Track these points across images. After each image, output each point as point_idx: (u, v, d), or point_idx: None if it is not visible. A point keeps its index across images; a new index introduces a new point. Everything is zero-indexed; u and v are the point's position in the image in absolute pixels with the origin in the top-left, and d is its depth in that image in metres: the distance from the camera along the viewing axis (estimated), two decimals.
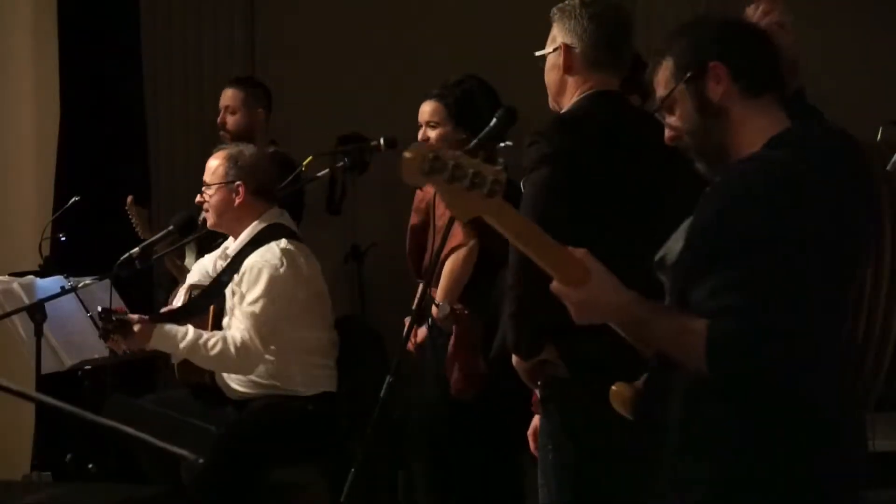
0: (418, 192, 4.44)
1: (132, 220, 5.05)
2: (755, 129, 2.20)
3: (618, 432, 2.38)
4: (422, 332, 4.29)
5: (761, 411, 2.11)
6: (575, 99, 2.97)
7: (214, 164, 4.27)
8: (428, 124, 4.43)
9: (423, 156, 1.98)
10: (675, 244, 2.21)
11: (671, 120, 2.28)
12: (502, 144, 4.08)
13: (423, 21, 5.96)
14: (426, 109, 4.44)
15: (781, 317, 2.05)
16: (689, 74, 2.22)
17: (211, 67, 6.08)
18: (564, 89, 2.99)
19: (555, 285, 2.13)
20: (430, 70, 5.39)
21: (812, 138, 2.20)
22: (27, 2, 5.79)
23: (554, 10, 3.03)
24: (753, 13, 2.33)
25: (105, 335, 3.99)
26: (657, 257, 2.26)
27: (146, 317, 4.09)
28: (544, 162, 2.84)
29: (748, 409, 2.12)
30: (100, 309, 4.03)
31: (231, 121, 5.22)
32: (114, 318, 3.98)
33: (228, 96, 5.26)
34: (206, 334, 4.11)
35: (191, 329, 4.10)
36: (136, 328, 4.01)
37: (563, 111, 2.99)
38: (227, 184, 4.21)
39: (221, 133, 5.21)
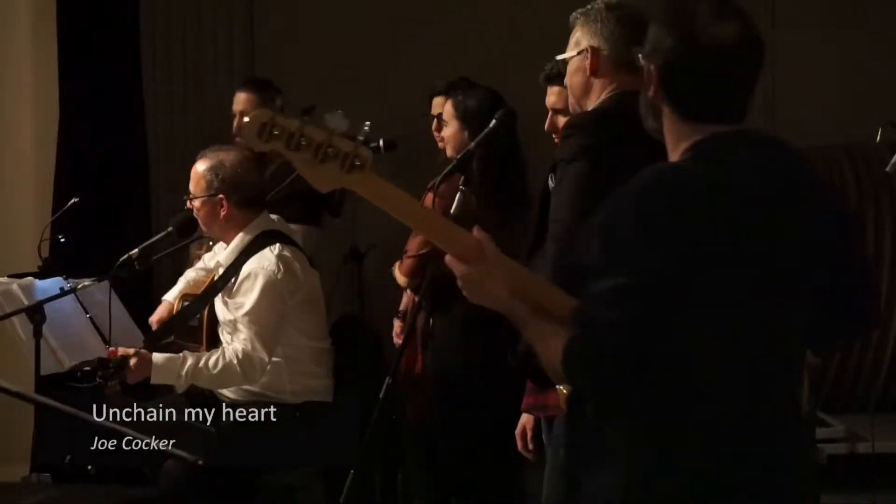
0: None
1: None
2: (677, 131, 2.18)
3: None
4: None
5: (634, 426, 2.04)
6: (602, 98, 2.97)
7: (198, 175, 4.18)
8: (442, 120, 4.55)
9: (260, 121, 1.93)
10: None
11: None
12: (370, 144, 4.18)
13: (423, 23, 5.96)
14: (448, 109, 4.51)
15: (641, 336, 1.95)
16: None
17: (211, 68, 6.08)
18: (590, 91, 3.00)
19: (449, 257, 2.12)
20: (429, 72, 5.39)
21: (736, 150, 2.11)
22: (27, 2, 5.78)
23: (576, 14, 3.03)
24: None
25: (105, 383, 3.98)
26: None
27: (140, 349, 4.06)
28: (584, 154, 2.83)
29: (625, 422, 2.05)
30: (97, 360, 4.02)
31: None
32: (110, 366, 3.96)
33: (241, 100, 5.12)
34: (205, 355, 4.08)
35: (189, 355, 4.08)
36: (132, 363, 3.99)
37: (592, 109, 3.00)
38: (209, 197, 4.17)
39: (237, 141, 4.88)
